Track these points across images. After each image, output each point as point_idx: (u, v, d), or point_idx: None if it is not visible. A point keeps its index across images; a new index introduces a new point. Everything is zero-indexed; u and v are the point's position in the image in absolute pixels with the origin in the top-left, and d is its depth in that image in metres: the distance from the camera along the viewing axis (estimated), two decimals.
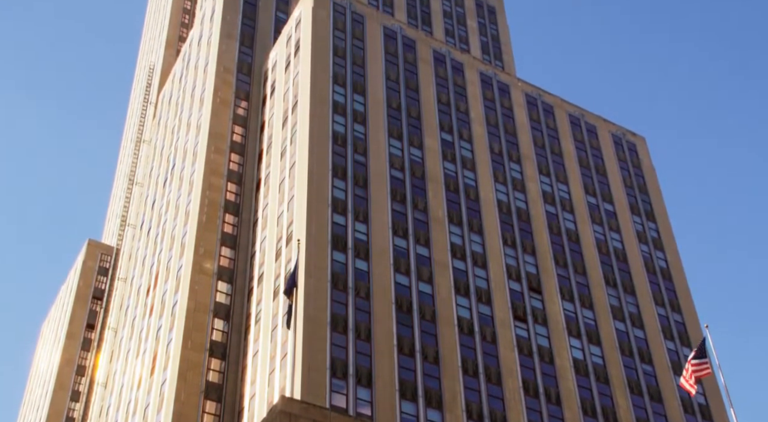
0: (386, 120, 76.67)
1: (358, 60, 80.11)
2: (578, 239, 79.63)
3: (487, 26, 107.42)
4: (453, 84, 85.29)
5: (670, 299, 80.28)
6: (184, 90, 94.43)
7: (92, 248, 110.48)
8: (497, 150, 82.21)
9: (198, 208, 74.48)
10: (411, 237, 68.93)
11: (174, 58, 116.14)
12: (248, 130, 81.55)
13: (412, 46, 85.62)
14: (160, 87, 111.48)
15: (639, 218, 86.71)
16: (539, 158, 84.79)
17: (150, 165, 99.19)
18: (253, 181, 77.68)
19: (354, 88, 77.40)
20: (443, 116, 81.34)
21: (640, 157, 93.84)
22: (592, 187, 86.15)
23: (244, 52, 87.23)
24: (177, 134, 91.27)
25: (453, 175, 76.54)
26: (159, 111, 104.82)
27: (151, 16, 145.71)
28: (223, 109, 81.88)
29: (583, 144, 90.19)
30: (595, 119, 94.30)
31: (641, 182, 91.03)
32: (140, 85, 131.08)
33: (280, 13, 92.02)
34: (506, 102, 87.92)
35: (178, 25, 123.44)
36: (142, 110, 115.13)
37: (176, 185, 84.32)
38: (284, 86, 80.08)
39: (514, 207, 77.98)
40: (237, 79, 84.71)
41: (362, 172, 70.96)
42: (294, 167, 70.58)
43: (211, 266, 71.05)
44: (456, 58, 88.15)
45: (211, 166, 77.42)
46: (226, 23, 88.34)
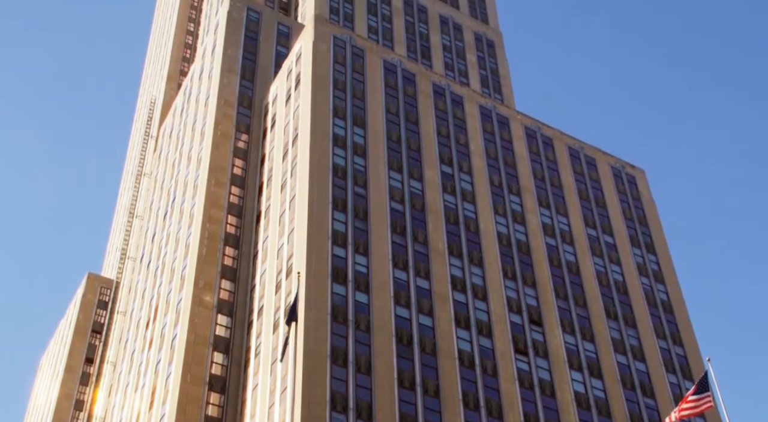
0: (386, 152, 76.95)
1: (358, 93, 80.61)
2: (579, 271, 79.51)
3: (486, 60, 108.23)
4: (453, 117, 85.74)
5: (671, 332, 79.96)
6: (185, 123, 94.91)
7: (92, 282, 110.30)
8: (497, 182, 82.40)
9: (198, 241, 74.48)
10: (411, 269, 68.83)
11: (175, 92, 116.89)
12: (249, 163, 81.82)
13: (412, 80, 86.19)
14: (161, 121, 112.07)
15: (639, 251, 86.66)
16: (539, 191, 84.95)
17: (150, 198, 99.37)
18: (254, 213, 77.77)
19: (354, 120, 77.80)
20: (443, 149, 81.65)
21: (640, 189, 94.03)
22: (592, 219, 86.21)
23: (245, 85, 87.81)
24: (178, 167, 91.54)
25: (453, 207, 76.65)
26: (160, 144, 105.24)
27: (153, 50, 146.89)
28: (224, 142, 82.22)
29: (582, 176, 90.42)
30: (594, 151, 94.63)
31: (641, 215, 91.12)
32: (141, 118, 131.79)
33: (281, 48, 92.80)
34: (506, 135, 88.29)
35: (180, 60, 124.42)
36: (143, 143, 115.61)
37: (176, 217, 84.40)
38: (285, 119, 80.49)
39: (515, 239, 77.97)
40: (238, 112, 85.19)
41: (362, 204, 71.06)
42: (294, 199, 70.70)
43: (210, 299, 70.87)
44: (455, 92, 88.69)
45: (212, 199, 77.55)
46: (227, 57, 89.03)
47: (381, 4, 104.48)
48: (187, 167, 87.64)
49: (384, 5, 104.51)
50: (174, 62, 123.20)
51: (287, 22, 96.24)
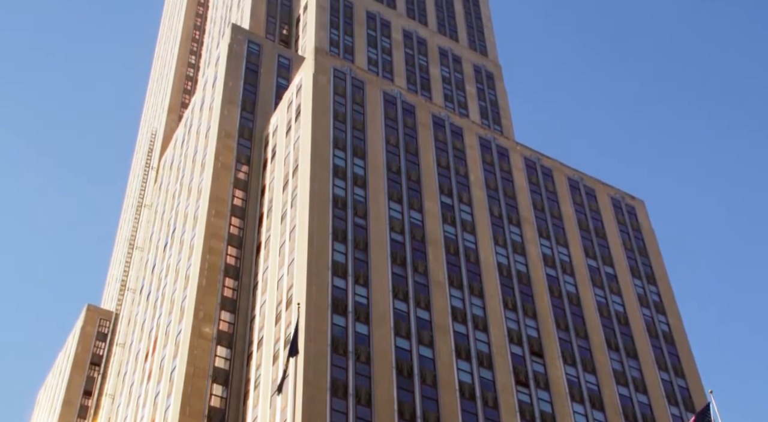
0: (386, 183, 77.11)
1: (358, 124, 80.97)
2: (579, 302, 79.31)
3: (485, 91, 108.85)
4: (452, 148, 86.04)
5: (673, 363, 79.55)
6: (186, 155, 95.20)
7: (91, 313, 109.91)
8: (497, 213, 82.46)
9: (198, 272, 74.36)
10: (411, 300, 68.65)
11: (176, 123, 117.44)
12: (249, 194, 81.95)
13: (412, 111, 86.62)
14: (162, 152, 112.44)
15: (640, 282, 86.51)
16: (539, 221, 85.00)
17: (150, 229, 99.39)
18: (254, 244, 77.73)
19: (354, 152, 78.06)
20: (443, 180, 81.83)
21: (640, 220, 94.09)
22: (592, 250, 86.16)
23: (246, 117, 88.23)
24: (178, 198, 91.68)
25: (453, 238, 76.63)
26: (160, 176, 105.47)
27: (155, 82, 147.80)
28: (224, 173, 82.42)
29: (582, 207, 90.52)
30: (594, 182, 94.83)
31: (641, 245, 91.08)
32: (142, 150, 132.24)
33: (281, 79, 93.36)
34: (505, 166, 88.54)
35: (181, 92, 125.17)
36: (143, 174, 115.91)
37: (176, 249, 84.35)
38: (285, 150, 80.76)
39: (515, 270, 77.86)
40: (238, 143, 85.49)
41: (362, 235, 71.05)
42: (294, 230, 70.71)
43: (210, 330, 70.60)
44: (455, 123, 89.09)
45: (212, 230, 77.57)
46: (228, 89, 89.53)
47: (381, 36, 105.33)
48: (187, 199, 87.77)
49: (384, 38, 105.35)
50: (175, 94, 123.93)
51: (287, 55, 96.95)
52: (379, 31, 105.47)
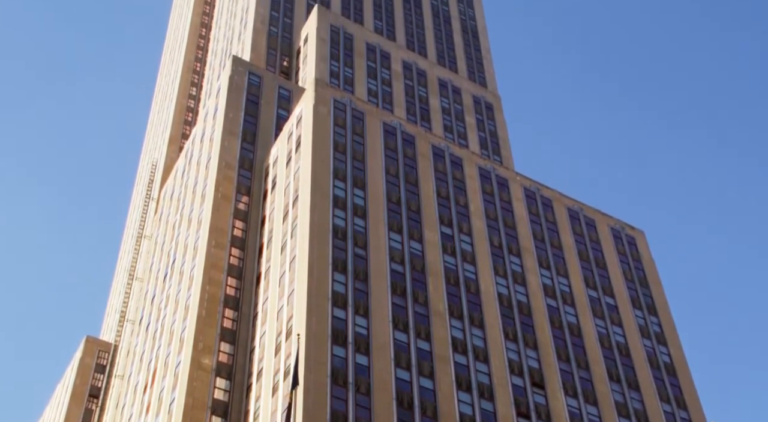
0: (386, 214, 77.19)
1: (358, 155, 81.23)
2: (580, 333, 79.03)
3: (485, 122, 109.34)
4: (452, 178, 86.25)
5: (675, 395, 79.09)
6: (186, 186, 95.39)
7: (90, 345, 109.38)
8: (497, 243, 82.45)
9: (198, 303, 74.19)
10: (412, 331, 68.42)
11: (176, 155, 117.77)
12: (249, 224, 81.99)
13: (412, 142, 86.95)
14: (162, 183, 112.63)
15: (641, 312, 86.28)
16: (539, 252, 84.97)
17: (150, 260, 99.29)
18: (253, 275, 77.62)
19: (354, 182, 78.23)
20: (443, 210, 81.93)
21: (640, 250, 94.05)
22: (592, 280, 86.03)
23: (246, 148, 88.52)
24: (178, 229, 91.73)
25: (453, 268, 76.55)
26: (161, 207, 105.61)
27: (155, 114, 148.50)
28: (224, 204, 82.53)
29: (582, 238, 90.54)
30: (594, 212, 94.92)
31: (642, 276, 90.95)
32: (143, 181, 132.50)
33: (282, 111, 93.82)
34: (505, 196, 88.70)
35: (182, 123, 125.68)
36: (144, 205, 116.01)
37: (176, 279, 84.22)
38: (285, 181, 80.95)
39: (515, 301, 77.69)
40: (238, 174, 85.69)
41: (362, 266, 70.99)
42: (294, 261, 70.66)
43: (209, 361, 70.28)
44: (455, 153, 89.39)
45: (212, 260, 77.51)
46: (229, 121, 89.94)
47: (381, 68, 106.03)
48: (187, 229, 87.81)
49: (384, 69, 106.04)
50: (176, 126, 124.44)
51: (288, 86, 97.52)
52: (379, 63, 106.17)
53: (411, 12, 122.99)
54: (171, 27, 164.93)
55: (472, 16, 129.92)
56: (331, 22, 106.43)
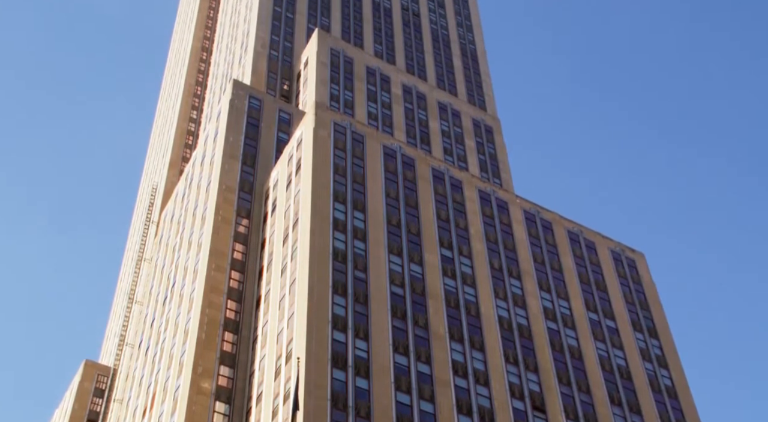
0: (386, 237, 77.17)
1: (358, 178, 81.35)
2: (581, 356, 78.73)
3: (484, 145, 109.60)
4: (452, 201, 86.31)
5: (676, 418, 78.67)
6: (186, 209, 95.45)
7: (89, 369, 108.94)
8: (497, 266, 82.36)
9: (197, 326, 73.99)
10: (412, 354, 68.17)
11: (177, 178, 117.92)
12: (249, 247, 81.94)
13: (412, 165, 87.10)
14: (163, 206, 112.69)
15: (642, 335, 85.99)
16: (539, 274, 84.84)
17: (150, 283, 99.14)
18: (253, 298, 77.47)
19: (354, 205, 78.28)
20: (443, 233, 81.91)
21: (640, 273, 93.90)
22: (593, 303, 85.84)
23: (246, 171, 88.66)
24: (178, 252, 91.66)
25: (453, 291, 76.42)
26: (161, 230, 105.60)
27: (156, 137, 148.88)
28: (225, 227, 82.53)
29: (582, 260, 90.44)
30: (594, 235, 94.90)
31: (642, 299, 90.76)
32: (143, 204, 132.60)
33: (282, 134, 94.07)
34: (505, 219, 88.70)
35: (182, 146, 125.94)
36: (144, 229, 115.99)
37: (176, 303, 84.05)
38: (285, 204, 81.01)
39: (516, 323, 77.48)
40: (239, 197, 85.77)
41: (362, 288, 70.88)
42: (294, 283, 70.55)
43: (209, 385, 69.95)
44: (455, 176, 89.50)
45: (212, 283, 77.38)
46: (229, 144, 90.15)
47: (381, 91, 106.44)
48: (187, 252, 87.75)
49: (384, 92, 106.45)
50: (176, 149, 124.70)
51: (288, 109, 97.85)
52: (378, 86, 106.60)
53: (411, 36, 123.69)
54: (172, 51, 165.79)
55: (472, 40, 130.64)
56: (331, 46, 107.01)
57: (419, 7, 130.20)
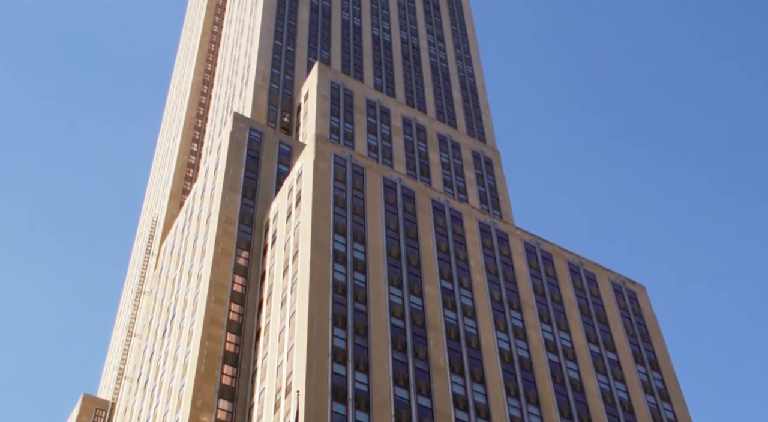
0: (386, 268, 77.05)
1: (358, 210, 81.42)
2: (582, 389, 78.22)
3: (484, 177, 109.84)
4: (452, 233, 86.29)
5: None
6: (186, 241, 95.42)
7: (87, 403, 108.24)
8: (497, 298, 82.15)
9: (196, 359, 73.62)
10: (412, 387, 67.73)
11: (177, 210, 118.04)
12: (249, 279, 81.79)
13: (412, 197, 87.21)
14: (163, 239, 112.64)
15: (643, 368, 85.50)
16: (540, 306, 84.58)
17: (150, 316, 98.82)
18: (253, 331, 77.16)
19: (354, 237, 78.27)
20: (443, 264, 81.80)
21: (641, 305, 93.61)
22: (594, 335, 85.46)
23: (246, 203, 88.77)
24: (178, 284, 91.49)
25: (454, 323, 76.14)
26: (161, 262, 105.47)
27: (157, 170, 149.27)
28: (225, 259, 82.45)
29: (583, 292, 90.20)
30: (594, 266, 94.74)
31: (643, 331, 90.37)
32: (143, 237, 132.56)
33: (282, 166, 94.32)
34: (505, 250, 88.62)
35: (182, 179, 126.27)
36: (144, 261, 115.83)
37: (175, 335, 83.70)
38: (285, 236, 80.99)
39: (516, 356, 77.08)
40: (239, 229, 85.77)
41: (362, 320, 70.63)
42: (294, 316, 70.31)
43: (208, 419, 69.44)
44: (454, 208, 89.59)
45: (211, 316, 77.13)
46: (230, 176, 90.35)
47: (381, 123, 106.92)
48: (187, 285, 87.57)
49: (384, 125, 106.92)
50: (177, 181, 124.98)
51: (288, 142, 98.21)
52: (378, 119, 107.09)
53: (410, 69, 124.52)
54: (173, 85, 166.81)
55: (471, 72, 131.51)
56: (332, 79, 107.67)
57: (419, 40, 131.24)
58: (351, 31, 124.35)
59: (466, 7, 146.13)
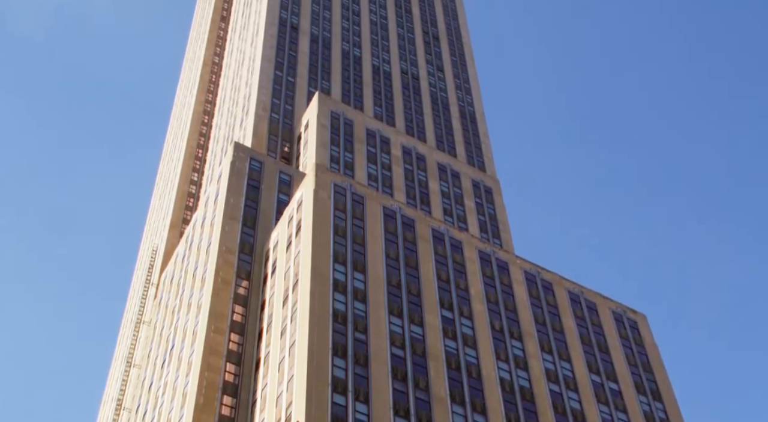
0: (386, 298, 76.83)
1: (358, 239, 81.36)
2: (584, 419, 77.65)
3: (484, 206, 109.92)
4: (452, 261, 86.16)
5: None
6: (186, 270, 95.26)
7: None
8: (498, 327, 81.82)
9: (195, 389, 73.16)
10: (413, 418, 67.24)
11: (177, 239, 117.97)
12: (249, 309, 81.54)
13: (412, 225, 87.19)
14: (163, 268, 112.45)
15: (645, 398, 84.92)
16: (541, 336, 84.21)
17: (149, 346, 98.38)
18: (253, 361, 76.78)
19: (354, 266, 78.13)
20: (443, 293, 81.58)
21: (642, 334, 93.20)
22: (595, 365, 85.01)
23: (246, 232, 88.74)
24: (177, 314, 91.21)
25: (454, 352, 75.76)
26: (160, 292, 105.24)
27: (157, 200, 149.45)
28: (224, 288, 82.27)
29: (583, 321, 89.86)
30: (595, 295, 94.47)
31: (645, 361, 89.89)
32: (143, 266, 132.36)
33: (282, 195, 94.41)
34: (505, 279, 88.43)
35: (183, 208, 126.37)
36: (143, 291, 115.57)
37: (174, 366, 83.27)
38: (285, 265, 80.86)
39: (517, 386, 76.60)
40: (239, 259, 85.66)
41: (363, 350, 70.28)
42: (294, 345, 69.99)
43: None
44: (454, 237, 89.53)
45: (211, 346, 76.80)
46: (230, 205, 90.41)
47: (381, 153, 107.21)
48: (186, 314, 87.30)
49: (384, 154, 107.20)
50: (177, 211, 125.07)
51: (289, 171, 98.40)
52: (378, 148, 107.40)
53: (410, 98, 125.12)
54: (174, 115, 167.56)
55: (470, 101, 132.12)
56: (332, 109, 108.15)
57: (418, 70, 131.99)
58: (351, 61, 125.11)
59: (465, 37, 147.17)
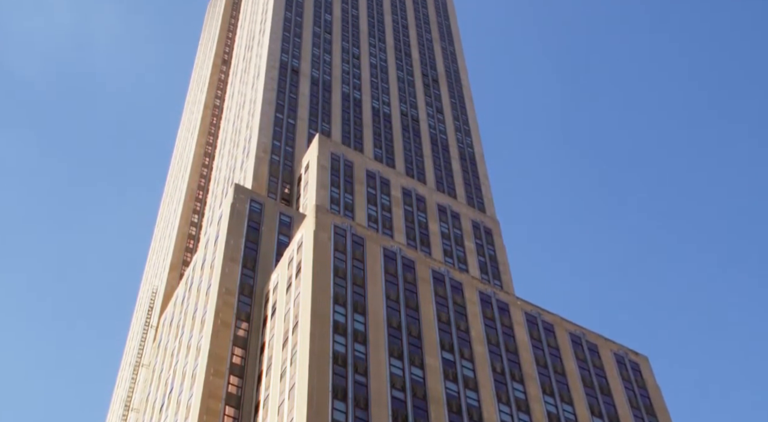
0: (387, 339, 76.44)
1: (358, 280, 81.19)
2: None
3: (484, 247, 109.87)
4: (453, 303, 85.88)
5: None
6: (186, 312, 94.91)
7: None
8: (499, 369, 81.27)
9: None
10: None
11: (177, 281, 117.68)
12: (248, 351, 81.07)
13: (412, 267, 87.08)
14: (162, 310, 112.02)
15: None
16: (542, 378, 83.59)
17: (147, 390, 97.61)
18: (252, 404, 76.14)
19: (354, 308, 77.87)
20: (444, 335, 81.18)
21: (644, 377, 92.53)
22: (597, 408, 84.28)
23: (246, 274, 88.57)
24: (176, 356, 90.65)
25: (455, 395, 75.15)
26: (159, 334, 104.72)
27: (157, 241, 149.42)
28: (224, 330, 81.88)
29: (585, 363, 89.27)
30: (596, 337, 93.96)
31: (647, 403, 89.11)
32: (142, 308, 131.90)
33: (282, 237, 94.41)
34: (506, 321, 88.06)
35: (183, 250, 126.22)
36: (143, 333, 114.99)
37: (173, 410, 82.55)
38: (285, 307, 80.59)
39: None
40: (238, 300, 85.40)
41: (363, 393, 69.74)
42: (294, 388, 69.47)
43: None
44: (455, 278, 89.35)
45: (210, 389, 76.20)
46: (230, 247, 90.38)
47: (381, 194, 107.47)
48: (186, 357, 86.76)
49: (383, 195, 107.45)
50: (177, 252, 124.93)
51: (289, 213, 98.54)
52: (378, 189, 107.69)
53: (410, 140, 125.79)
54: (175, 157, 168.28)
55: (470, 143, 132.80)
56: (332, 150, 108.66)
57: (418, 112, 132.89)
58: (351, 103, 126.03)
59: (465, 79, 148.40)
